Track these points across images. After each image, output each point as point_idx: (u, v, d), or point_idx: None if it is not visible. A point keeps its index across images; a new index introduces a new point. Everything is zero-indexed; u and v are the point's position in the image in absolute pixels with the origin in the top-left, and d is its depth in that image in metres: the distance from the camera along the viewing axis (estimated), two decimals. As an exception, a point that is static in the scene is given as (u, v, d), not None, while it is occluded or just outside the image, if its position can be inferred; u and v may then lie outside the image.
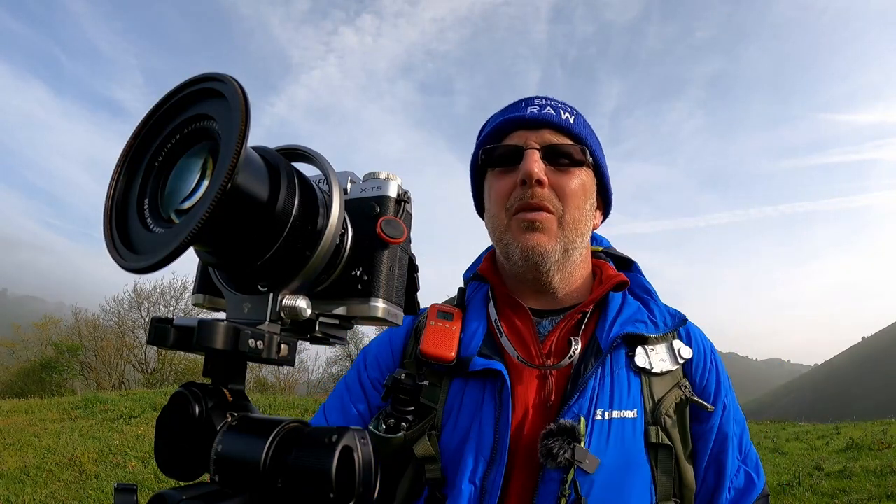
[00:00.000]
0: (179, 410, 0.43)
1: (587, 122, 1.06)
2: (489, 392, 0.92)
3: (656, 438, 0.91)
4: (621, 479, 0.88)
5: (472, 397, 0.93)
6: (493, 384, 0.92)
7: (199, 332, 0.40)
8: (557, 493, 0.86)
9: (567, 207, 0.95)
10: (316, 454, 0.39)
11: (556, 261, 0.95)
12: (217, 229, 0.40)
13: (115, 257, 0.40)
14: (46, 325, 21.76)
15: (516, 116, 0.99)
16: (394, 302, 0.50)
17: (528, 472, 0.88)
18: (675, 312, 1.03)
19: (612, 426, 0.90)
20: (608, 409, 0.90)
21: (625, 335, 0.95)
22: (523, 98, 1.05)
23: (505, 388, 0.89)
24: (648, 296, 1.05)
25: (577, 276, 1.02)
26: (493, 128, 1.02)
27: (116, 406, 11.19)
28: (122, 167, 0.43)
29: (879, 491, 6.62)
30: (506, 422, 0.88)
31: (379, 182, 0.51)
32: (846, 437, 10.20)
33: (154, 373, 19.72)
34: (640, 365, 0.94)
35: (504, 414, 0.88)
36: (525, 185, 0.93)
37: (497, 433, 0.88)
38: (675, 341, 0.99)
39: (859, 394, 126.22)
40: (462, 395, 0.94)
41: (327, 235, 0.45)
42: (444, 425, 0.92)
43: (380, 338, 1.09)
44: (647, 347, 0.96)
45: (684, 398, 0.95)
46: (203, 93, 0.41)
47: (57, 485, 6.79)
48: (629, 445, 0.90)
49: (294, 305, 0.45)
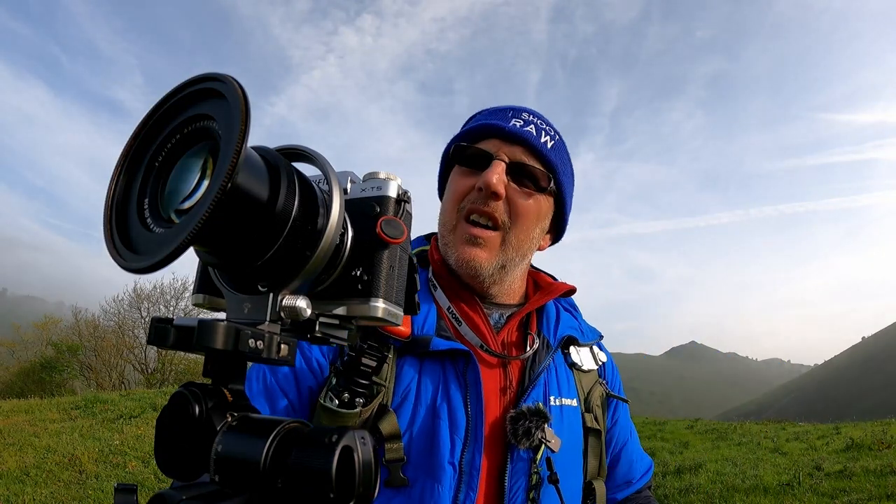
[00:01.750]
0: (179, 410, 0.43)
1: (566, 149, 1.09)
2: (451, 372, 0.94)
3: (591, 424, 1.05)
4: (570, 459, 0.99)
5: (431, 377, 0.93)
6: (453, 365, 0.94)
7: (199, 332, 0.40)
8: (528, 472, 0.93)
9: (514, 226, 0.99)
10: (316, 454, 0.39)
11: (492, 275, 1.01)
12: (217, 229, 0.40)
13: (115, 257, 0.40)
14: (46, 325, 21.77)
15: (496, 125, 1.01)
16: (394, 302, 0.50)
17: (495, 452, 0.93)
18: (594, 328, 1.20)
19: (564, 412, 1.01)
20: (558, 397, 1.01)
21: (566, 336, 1.07)
22: (513, 107, 1.07)
23: (470, 371, 0.93)
24: (575, 310, 1.19)
25: (516, 286, 1.09)
26: (473, 127, 1.04)
27: (116, 406, 11.19)
28: (122, 167, 0.43)
29: (879, 491, 6.62)
30: (478, 402, 0.92)
31: (379, 182, 0.51)
32: (846, 437, 10.20)
33: (154, 373, 19.72)
34: (574, 361, 1.08)
35: (473, 395, 0.92)
36: (481, 192, 0.96)
37: (468, 414, 0.91)
38: (593, 347, 1.15)
39: (859, 394, 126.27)
40: (419, 374, 0.93)
41: (327, 235, 0.45)
42: (397, 404, 0.90)
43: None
44: (577, 349, 1.10)
45: (605, 392, 1.12)
46: (203, 93, 0.41)
47: (57, 485, 6.79)
48: (574, 429, 1.02)
49: (294, 305, 0.45)
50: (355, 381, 0.84)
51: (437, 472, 0.87)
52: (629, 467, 1.17)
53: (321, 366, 0.93)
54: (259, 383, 0.94)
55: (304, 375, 0.93)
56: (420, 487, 0.87)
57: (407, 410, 0.90)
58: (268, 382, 0.93)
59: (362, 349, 0.84)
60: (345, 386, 0.84)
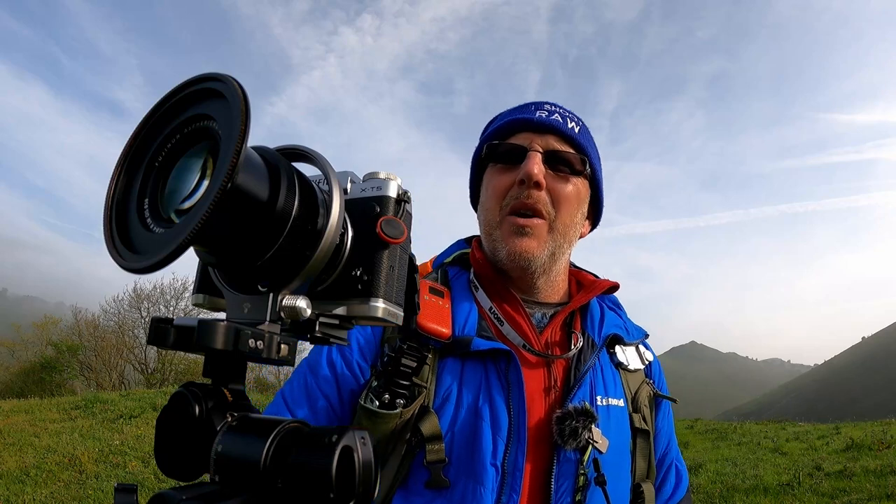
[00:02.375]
0: (179, 410, 0.43)
1: (591, 134, 1.10)
2: (493, 373, 0.93)
3: (639, 424, 1.02)
4: (618, 461, 0.97)
5: (473, 377, 0.93)
6: (495, 365, 0.94)
7: (199, 332, 0.40)
8: (575, 473, 0.91)
9: (559, 213, 0.99)
10: (316, 454, 0.39)
11: (543, 264, 1.00)
12: (217, 229, 0.40)
13: (115, 257, 0.40)
14: (46, 325, 21.76)
15: (524, 118, 1.02)
16: (394, 302, 0.50)
17: (539, 453, 0.92)
18: (639, 327, 1.19)
19: (611, 412, 0.99)
20: (605, 397, 0.99)
21: (611, 335, 1.05)
22: (533, 101, 1.08)
23: (512, 371, 0.92)
24: (619, 309, 1.18)
25: (560, 278, 1.09)
26: (500, 125, 1.05)
27: (116, 406, 11.19)
28: (122, 167, 0.43)
29: (879, 491, 6.62)
30: (520, 403, 0.91)
31: (379, 182, 0.51)
32: (846, 437, 10.20)
33: (154, 373, 19.72)
34: (620, 360, 1.06)
35: (516, 395, 0.91)
36: (523, 184, 0.97)
37: (510, 414, 0.90)
38: (639, 346, 1.13)
39: (859, 394, 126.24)
40: (461, 375, 0.92)
41: (327, 235, 0.45)
42: (438, 405, 0.90)
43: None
44: (622, 348, 1.08)
45: (652, 393, 1.09)
46: (203, 93, 0.41)
47: (57, 485, 6.79)
48: (622, 430, 1.00)
49: (294, 305, 0.45)
50: (396, 381, 0.84)
51: (480, 473, 0.86)
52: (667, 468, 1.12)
53: (362, 369, 0.93)
54: (300, 386, 0.94)
55: (344, 379, 0.93)
56: (462, 489, 0.86)
57: (448, 411, 0.89)
58: (308, 386, 0.93)
59: (402, 350, 0.84)
60: (385, 387, 0.84)
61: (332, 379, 0.93)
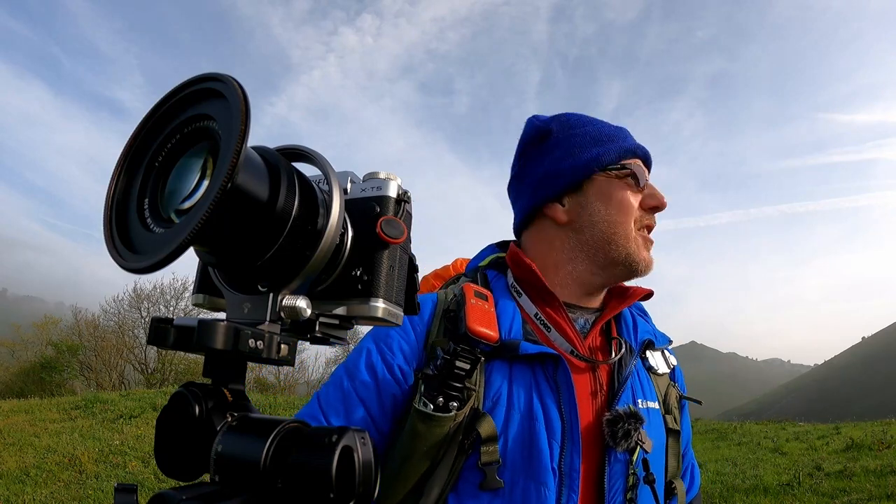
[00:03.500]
0: (179, 410, 0.43)
1: None
2: (541, 376, 0.95)
3: (672, 425, 1.08)
4: (657, 460, 1.03)
5: (522, 381, 0.94)
6: (543, 369, 0.96)
7: (199, 332, 0.40)
8: (625, 473, 0.96)
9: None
10: (316, 454, 0.39)
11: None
12: (217, 229, 0.40)
13: (115, 257, 0.40)
14: (46, 325, 21.76)
15: (648, 152, 1.13)
16: (394, 302, 0.50)
17: (591, 455, 0.95)
18: (663, 333, 1.22)
19: (650, 414, 1.03)
20: (644, 400, 1.04)
21: (645, 340, 1.11)
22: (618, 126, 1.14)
23: (561, 374, 0.95)
24: (646, 315, 1.23)
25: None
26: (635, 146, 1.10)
27: (116, 406, 11.19)
28: (122, 167, 0.43)
29: (879, 491, 6.62)
30: (572, 406, 0.94)
31: (379, 182, 0.51)
32: (846, 437, 10.20)
33: (154, 373, 19.72)
34: (650, 365, 1.11)
35: (567, 398, 0.94)
36: (653, 211, 1.09)
37: (563, 417, 0.93)
38: (665, 351, 1.18)
39: (859, 394, 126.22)
40: (510, 377, 0.94)
41: (327, 235, 0.45)
42: (488, 408, 0.91)
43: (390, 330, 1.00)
44: (652, 353, 1.13)
45: (678, 395, 1.15)
46: (203, 93, 0.41)
47: (57, 485, 6.79)
48: (658, 431, 1.05)
49: (294, 305, 0.45)
50: (450, 384, 0.85)
51: (542, 474, 0.89)
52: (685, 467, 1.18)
53: (404, 373, 0.93)
54: (336, 391, 0.94)
55: (386, 384, 0.92)
56: (522, 490, 0.88)
57: (500, 414, 0.91)
58: (345, 391, 0.93)
59: (457, 352, 0.85)
60: (438, 390, 0.85)
61: (372, 384, 0.92)
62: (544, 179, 1.08)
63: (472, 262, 1.17)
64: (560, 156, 1.08)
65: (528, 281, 1.05)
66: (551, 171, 1.07)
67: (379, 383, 0.92)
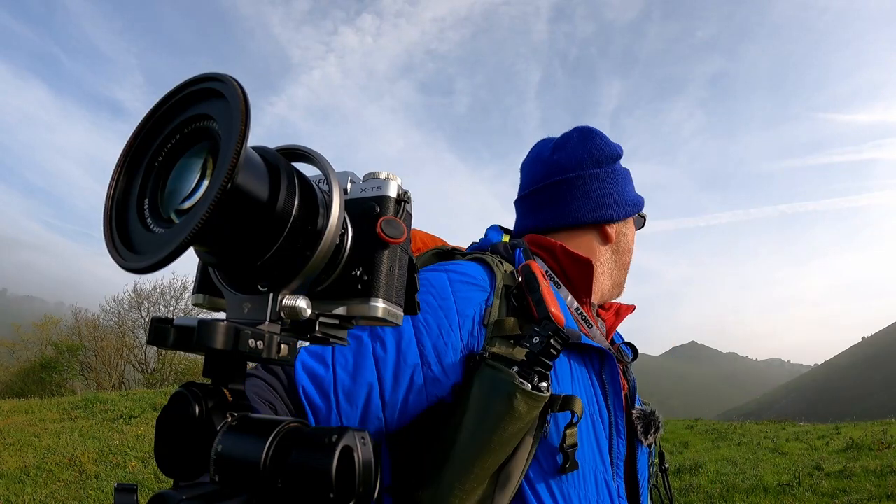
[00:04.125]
0: (179, 410, 0.43)
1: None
2: (591, 369, 1.01)
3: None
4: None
5: (580, 370, 0.99)
6: (591, 363, 1.02)
7: (199, 332, 0.40)
8: (648, 463, 1.10)
9: None
10: (316, 454, 0.39)
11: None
12: (217, 229, 0.40)
13: (115, 257, 0.40)
14: (46, 325, 21.76)
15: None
16: (394, 302, 0.50)
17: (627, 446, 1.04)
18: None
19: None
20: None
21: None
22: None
23: (608, 371, 1.01)
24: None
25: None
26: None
27: (116, 406, 11.19)
28: (122, 167, 0.43)
29: (879, 491, 6.62)
30: (618, 401, 1.02)
31: (379, 182, 0.51)
32: (846, 437, 10.20)
33: (154, 373, 19.72)
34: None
35: (612, 392, 1.01)
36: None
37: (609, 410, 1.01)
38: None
39: (859, 394, 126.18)
40: (570, 367, 0.97)
41: (327, 235, 0.45)
42: (556, 392, 0.92)
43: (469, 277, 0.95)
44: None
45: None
46: (203, 93, 0.41)
47: (57, 485, 6.79)
48: None
49: (294, 305, 0.45)
50: (543, 363, 0.84)
51: (604, 461, 0.96)
52: None
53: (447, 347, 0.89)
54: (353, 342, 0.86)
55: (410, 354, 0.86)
56: (591, 474, 0.92)
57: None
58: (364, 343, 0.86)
59: (557, 330, 0.84)
60: (532, 370, 0.84)
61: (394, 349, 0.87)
62: (618, 201, 1.19)
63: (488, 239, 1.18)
64: (625, 184, 1.21)
65: (571, 276, 1.10)
66: (624, 197, 1.20)
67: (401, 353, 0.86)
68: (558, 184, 1.17)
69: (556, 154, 1.20)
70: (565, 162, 1.18)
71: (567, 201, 1.16)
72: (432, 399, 0.88)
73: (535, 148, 1.28)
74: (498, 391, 0.82)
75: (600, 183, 1.17)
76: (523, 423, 0.83)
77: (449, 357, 0.88)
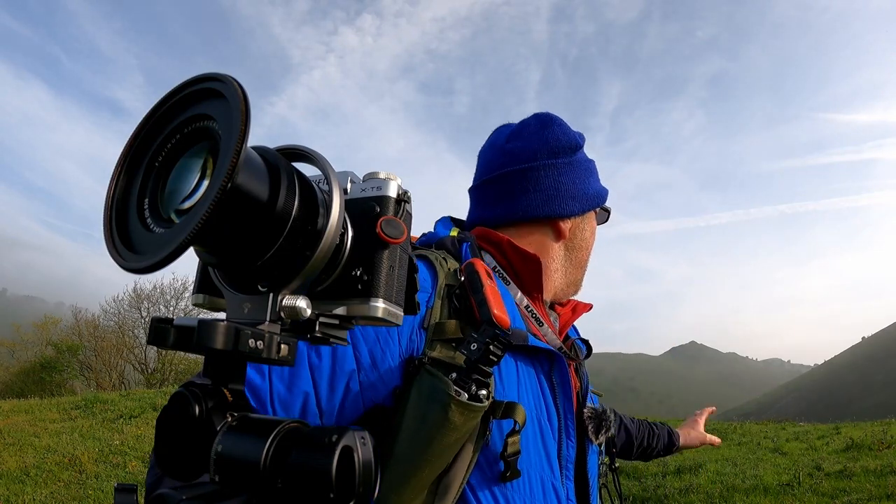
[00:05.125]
0: (179, 410, 0.43)
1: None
2: (539, 370, 0.98)
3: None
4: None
5: (527, 372, 0.96)
6: (539, 364, 0.98)
7: (199, 332, 0.40)
8: (598, 462, 1.09)
9: None
10: (316, 454, 0.39)
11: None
12: (217, 229, 0.40)
13: (115, 257, 0.40)
14: (46, 325, 21.76)
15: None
16: (394, 302, 0.50)
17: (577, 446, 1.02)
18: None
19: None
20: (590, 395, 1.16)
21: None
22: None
23: (558, 371, 0.99)
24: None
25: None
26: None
27: (116, 406, 11.19)
28: (122, 167, 0.43)
29: (879, 491, 6.62)
30: (566, 401, 0.99)
31: (379, 182, 0.51)
32: (846, 437, 10.20)
33: (154, 373, 19.72)
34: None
35: (561, 394, 0.99)
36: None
37: (559, 412, 0.98)
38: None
39: (859, 394, 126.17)
40: (517, 370, 0.93)
41: (327, 235, 0.45)
42: (500, 397, 0.88)
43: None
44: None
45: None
46: (203, 93, 0.41)
47: (57, 485, 6.79)
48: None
49: (294, 305, 0.45)
50: (482, 370, 0.80)
51: (551, 466, 0.94)
52: None
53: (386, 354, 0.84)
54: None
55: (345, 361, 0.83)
56: (537, 480, 0.90)
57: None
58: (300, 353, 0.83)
59: (496, 336, 0.80)
60: (470, 378, 0.80)
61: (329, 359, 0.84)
62: (574, 195, 1.12)
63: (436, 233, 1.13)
64: (585, 177, 1.15)
65: (519, 271, 1.05)
66: (581, 191, 1.13)
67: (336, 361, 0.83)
68: (511, 175, 1.11)
69: (511, 142, 1.14)
70: (519, 152, 1.12)
71: (518, 194, 1.10)
72: (368, 404, 0.83)
73: (493, 134, 1.22)
74: (433, 400, 0.79)
75: (555, 175, 1.10)
76: (460, 433, 0.79)
77: (386, 363, 0.84)
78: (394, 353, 0.84)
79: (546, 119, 1.15)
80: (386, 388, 0.83)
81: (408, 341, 0.85)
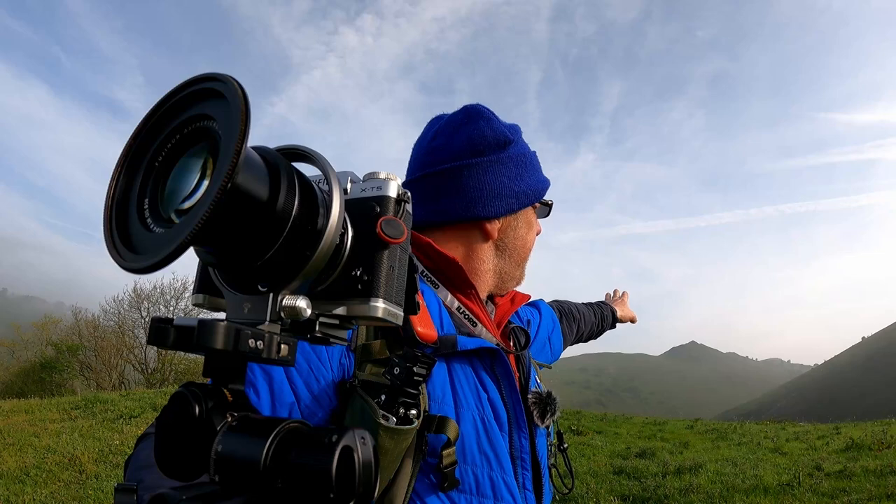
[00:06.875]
0: (179, 410, 0.43)
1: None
2: (480, 369, 0.99)
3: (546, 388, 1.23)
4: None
5: (465, 375, 0.96)
6: (480, 361, 0.99)
7: (199, 332, 0.40)
8: (546, 444, 1.11)
9: None
10: (316, 454, 0.39)
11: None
12: (217, 229, 0.40)
13: (115, 257, 0.40)
14: (46, 325, 21.77)
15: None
16: (394, 302, 0.50)
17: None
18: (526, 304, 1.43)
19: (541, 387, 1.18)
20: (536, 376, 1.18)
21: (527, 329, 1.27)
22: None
23: (498, 366, 1.00)
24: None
25: None
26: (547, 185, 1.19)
27: (116, 406, 11.19)
28: (122, 167, 0.43)
29: (879, 491, 6.62)
30: (515, 395, 1.00)
31: (379, 182, 0.51)
32: (846, 437, 10.20)
33: (154, 373, 19.72)
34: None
35: (507, 388, 1.00)
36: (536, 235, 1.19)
37: (506, 405, 0.99)
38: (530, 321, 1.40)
39: (859, 394, 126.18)
40: (450, 375, 0.94)
41: (327, 235, 0.45)
42: (436, 408, 0.89)
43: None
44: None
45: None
46: (203, 93, 0.41)
47: (57, 485, 6.78)
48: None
49: (294, 305, 0.45)
50: (408, 393, 0.80)
51: (503, 464, 0.93)
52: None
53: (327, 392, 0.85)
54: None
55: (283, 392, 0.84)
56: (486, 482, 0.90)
57: (450, 414, 0.90)
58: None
59: (417, 357, 0.80)
60: (396, 401, 0.80)
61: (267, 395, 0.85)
62: (499, 194, 1.06)
63: None
64: (515, 174, 1.08)
65: (449, 273, 1.03)
66: (508, 190, 1.07)
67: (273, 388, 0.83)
68: (432, 176, 1.07)
69: (437, 139, 1.10)
70: (442, 150, 1.07)
71: (441, 196, 1.06)
72: None
73: (426, 127, 1.17)
74: (364, 426, 0.78)
75: (479, 175, 1.05)
76: (393, 456, 0.80)
77: (322, 390, 0.84)
78: (327, 379, 0.85)
79: (473, 113, 1.10)
80: (325, 412, 0.84)
81: (338, 365, 0.86)
